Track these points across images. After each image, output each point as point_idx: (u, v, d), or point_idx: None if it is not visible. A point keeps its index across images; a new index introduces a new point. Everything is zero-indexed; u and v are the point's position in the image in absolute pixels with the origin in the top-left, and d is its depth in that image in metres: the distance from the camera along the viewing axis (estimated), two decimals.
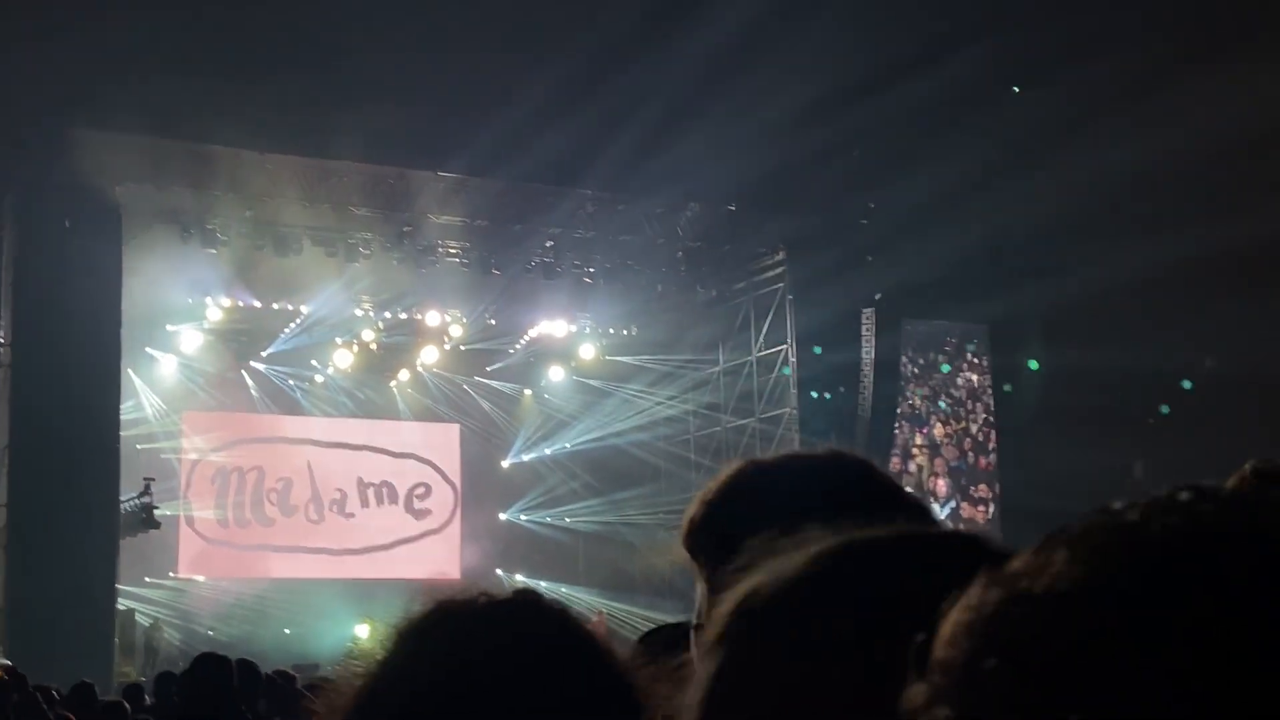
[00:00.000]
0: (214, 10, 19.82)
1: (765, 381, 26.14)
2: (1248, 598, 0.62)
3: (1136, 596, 0.64)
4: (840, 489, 1.56)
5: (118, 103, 19.29)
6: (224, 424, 26.81)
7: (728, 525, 1.56)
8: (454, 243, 24.54)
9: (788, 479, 1.61)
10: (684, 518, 1.65)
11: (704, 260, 25.93)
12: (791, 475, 1.62)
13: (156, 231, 22.11)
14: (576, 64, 20.09)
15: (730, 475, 1.65)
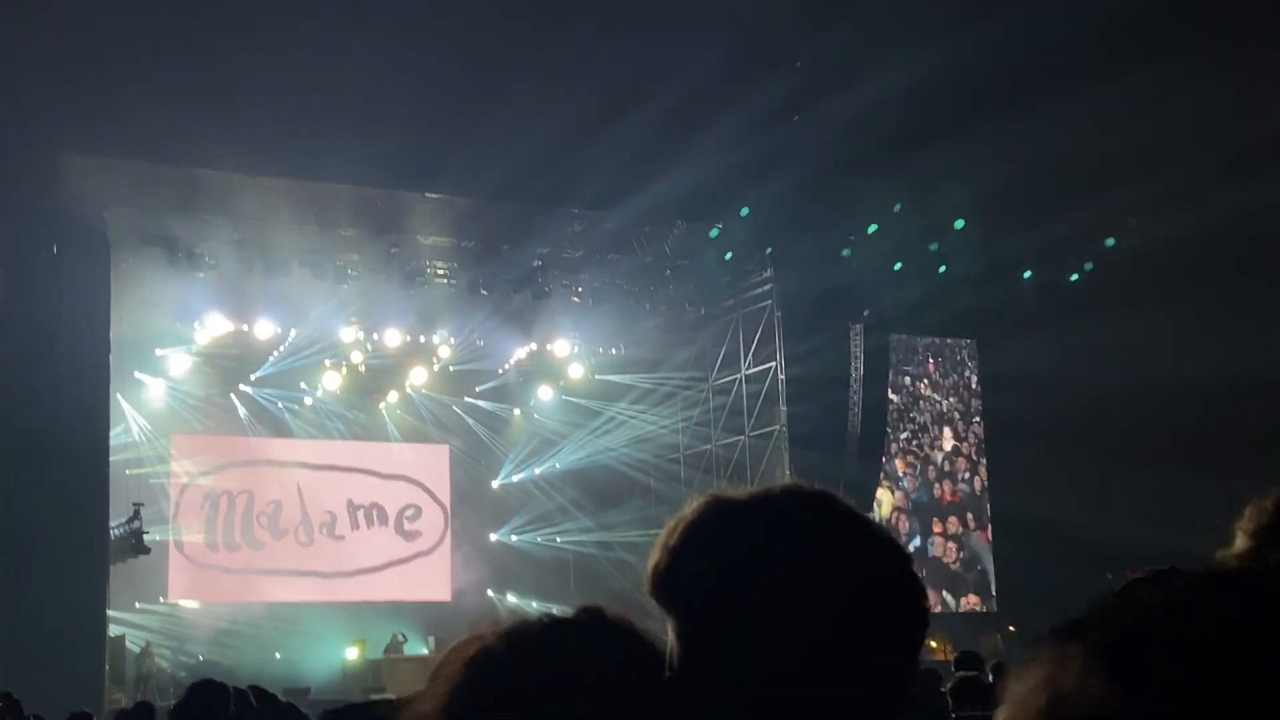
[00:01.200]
0: (202, 36, 19.84)
1: (754, 398, 26.16)
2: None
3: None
4: (798, 531, 1.55)
5: (106, 127, 19.31)
6: (213, 447, 26.74)
7: (691, 574, 1.55)
8: (442, 263, 24.56)
9: (747, 523, 1.56)
10: (648, 564, 1.60)
11: (692, 278, 25.96)
12: (750, 520, 1.56)
13: (145, 256, 22.12)
14: (563, 84, 20.15)
15: (691, 519, 1.60)
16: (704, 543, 1.56)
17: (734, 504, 1.59)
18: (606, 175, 21.84)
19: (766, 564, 1.51)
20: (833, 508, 1.59)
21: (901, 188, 23.10)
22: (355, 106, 20.67)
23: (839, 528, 1.56)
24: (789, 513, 1.57)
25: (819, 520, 1.56)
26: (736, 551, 1.53)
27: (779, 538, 1.53)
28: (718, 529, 1.57)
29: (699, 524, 1.59)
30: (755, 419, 26.11)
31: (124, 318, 22.11)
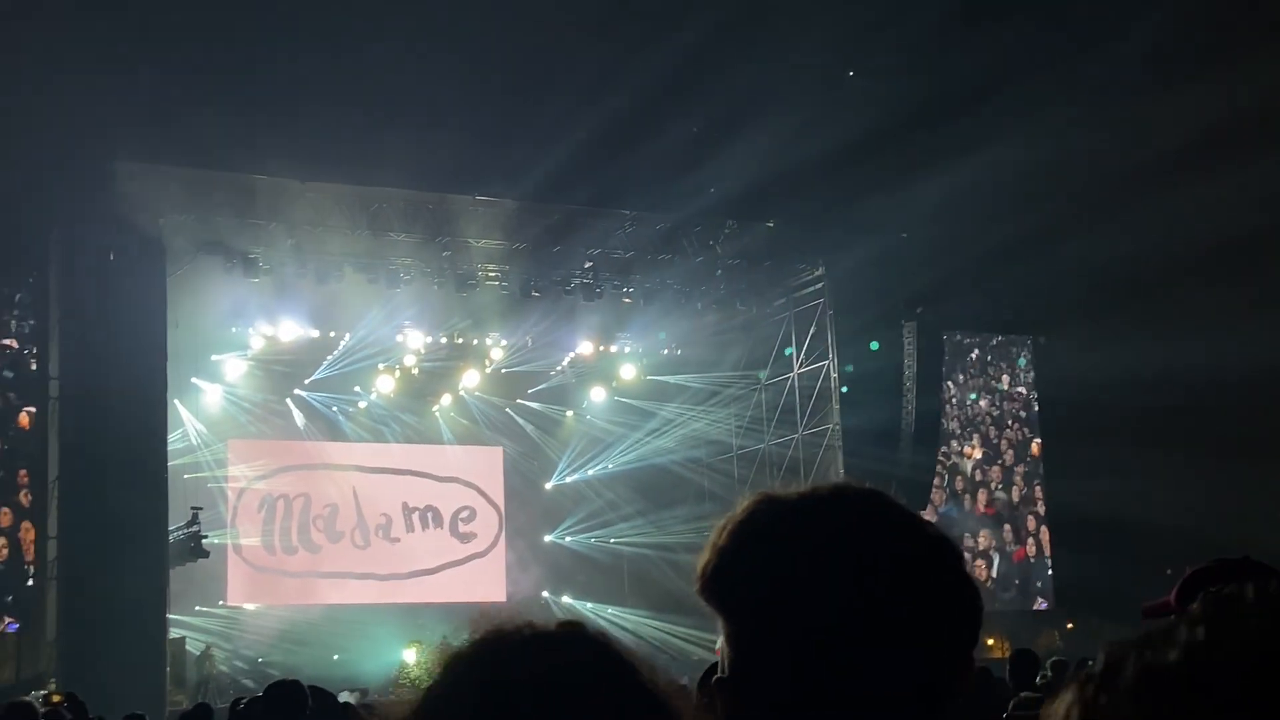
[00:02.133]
0: (254, 44, 20.01)
1: (807, 397, 26.08)
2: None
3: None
4: (848, 530, 1.55)
5: (161, 136, 19.50)
6: (269, 451, 26.94)
7: (742, 575, 1.55)
8: (493, 266, 24.63)
9: (797, 522, 1.55)
10: (698, 565, 1.60)
11: (743, 277, 25.91)
12: (800, 520, 1.55)
13: (200, 262, 22.31)
14: (612, 85, 20.16)
15: (739, 519, 1.59)
16: (753, 543, 1.56)
17: (783, 503, 1.58)
18: (657, 175, 21.85)
19: (816, 563, 1.51)
20: (882, 506, 1.58)
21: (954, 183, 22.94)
22: (406, 111, 20.79)
23: (889, 526, 1.55)
24: (838, 511, 1.56)
25: (869, 519, 1.55)
26: (786, 551, 1.52)
27: (829, 537, 1.52)
28: (767, 529, 1.56)
29: (748, 524, 1.58)
30: (808, 418, 26.03)
31: (180, 324, 22.30)
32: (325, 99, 20.56)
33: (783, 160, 22.19)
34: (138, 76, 19.47)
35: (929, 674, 1.50)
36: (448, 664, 1.52)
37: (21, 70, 18.76)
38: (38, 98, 18.75)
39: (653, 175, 21.89)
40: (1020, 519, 27.69)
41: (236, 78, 20.03)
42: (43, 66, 18.86)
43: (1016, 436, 28.15)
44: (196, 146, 19.98)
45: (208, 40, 19.71)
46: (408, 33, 20.58)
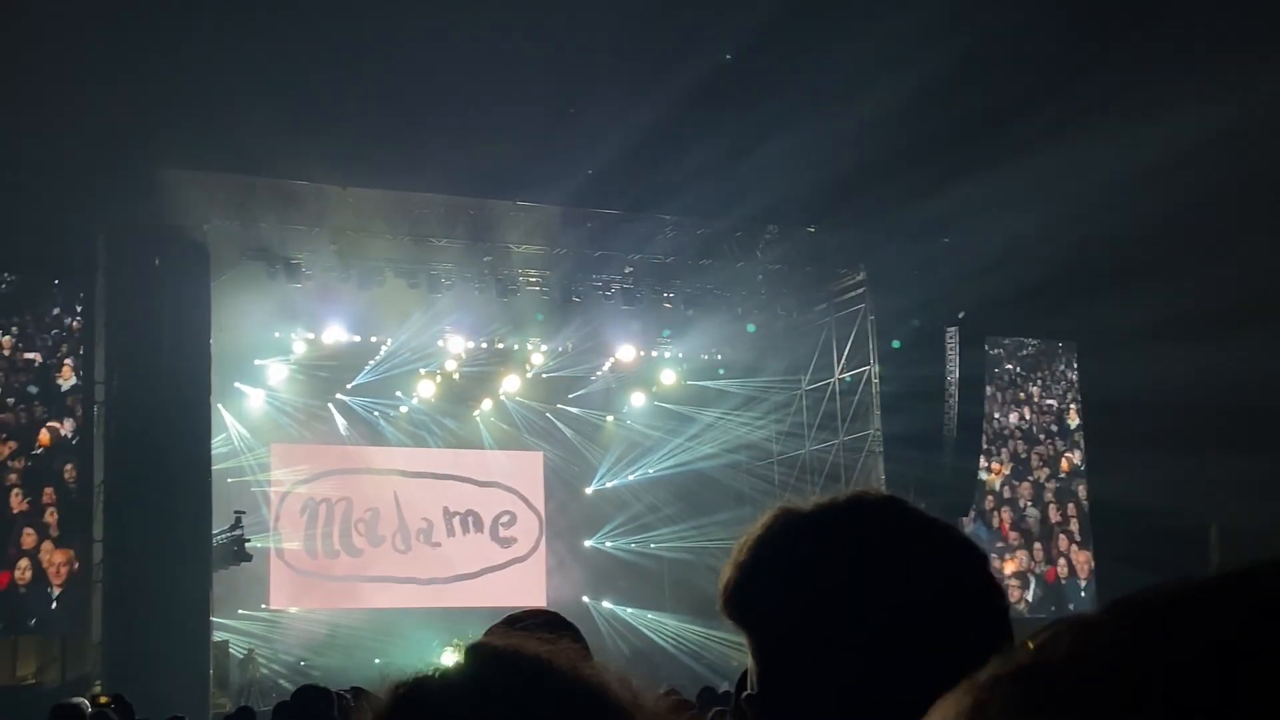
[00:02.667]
0: (297, 49, 20.14)
1: (848, 403, 26.01)
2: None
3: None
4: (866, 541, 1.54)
5: (205, 143, 19.66)
6: (311, 456, 27.08)
7: (763, 590, 1.55)
8: (534, 271, 24.69)
9: (816, 535, 1.54)
10: (719, 582, 1.60)
11: (784, 282, 25.87)
12: (819, 532, 1.55)
13: (243, 267, 22.45)
14: (654, 91, 20.19)
15: (758, 535, 1.59)
16: (773, 557, 1.55)
17: (802, 516, 1.58)
18: (698, 181, 21.85)
19: (836, 575, 1.50)
20: (901, 513, 1.57)
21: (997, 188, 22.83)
22: (448, 117, 20.88)
23: (908, 533, 1.54)
24: (856, 522, 1.55)
25: (887, 527, 1.55)
26: (806, 564, 1.52)
27: (848, 548, 1.52)
28: (786, 543, 1.56)
29: (767, 539, 1.58)
30: (849, 423, 25.96)
31: (224, 329, 22.48)
32: (367, 105, 20.68)
33: (824, 165, 22.15)
34: (183, 84, 19.64)
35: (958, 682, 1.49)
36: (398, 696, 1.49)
37: (68, 78, 18.95)
38: (83, 106, 18.93)
39: (694, 180, 21.89)
40: (1051, 537, 27.39)
41: (279, 84, 20.16)
42: (89, 74, 19.03)
43: (1048, 451, 27.86)
44: (240, 153, 20.12)
45: (251, 48, 19.84)
46: (449, 38, 20.67)
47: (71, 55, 18.91)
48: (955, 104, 21.03)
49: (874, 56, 20.59)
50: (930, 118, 21.36)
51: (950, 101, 21.05)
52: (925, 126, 21.53)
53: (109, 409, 20.65)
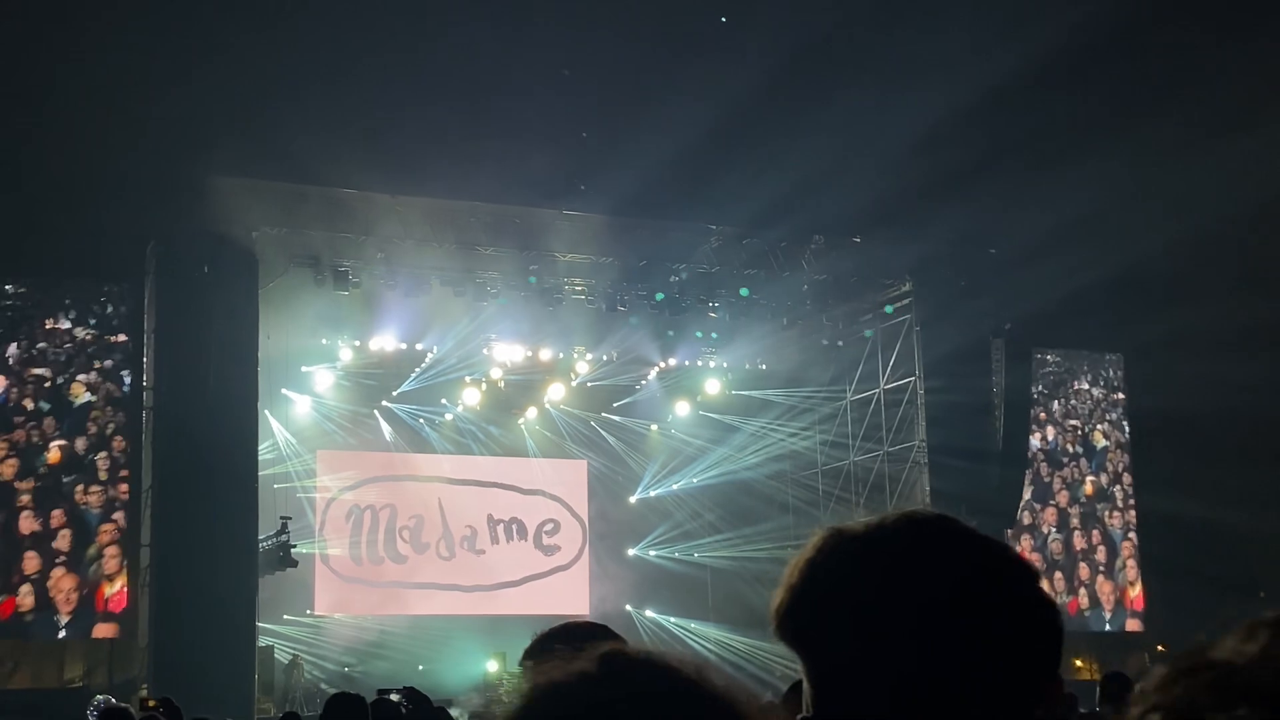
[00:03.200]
0: (345, 60, 20.27)
1: (893, 414, 25.91)
2: None
3: None
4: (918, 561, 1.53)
5: (255, 151, 19.80)
6: (357, 462, 27.19)
7: (816, 612, 1.54)
8: (580, 280, 24.72)
9: (867, 555, 1.53)
10: (771, 604, 1.59)
11: (830, 293, 25.80)
12: (869, 553, 1.54)
13: (291, 275, 22.58)
14: (699, 101, 20.19)
15: (809, 557, 1.58)
16: (825, 580, 1.54)
17: (852, 537, 1.57)
18: (744, 191, 21.84)
19: (889, 595, 1.49)
20: (952, 532, 1.56)
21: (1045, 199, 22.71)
22: (495, 126, 20.95)
23: (960, 551, 1.54)
24: (908, 542, 1.54)
25: (939, 545, 1.54)
26: (858, 585, 1.51)
27: (900, 567, 1.51)
28: (837, 564, 1.55)
29: (818, 560, 1.57)
30: (894, 434, 25.85)
31: (271, 335, 22.62)
32: (416, 114, 20.80)
33: (872, 175, 22.09)
34: (234, 93, 19.80)
35: (1013, 699, 1.48)
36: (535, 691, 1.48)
37: (120, 86, 19.14)
38: (136, 114, 19.13)
39: (740, 190, 21.88)
40: (1074, 566, 27.03)
41: (330, 93, 20.30)
42: (141, 83, 19.23)
43: (1070, 475, 27.54)
44: (290, 161, 20.27)
45: (303, 58, 19.99)
46: (497, 48, 20.76)
47: (124, 64, 19.10)
48: (1004, 116, 20.93)
49: (923, 69, 20.55)
50: (979, 129, 21.26)
51: (999, 114, 20.95)
52: (974, 138, 21.44)
53: (157, 414, 20.81)
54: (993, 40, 20.63)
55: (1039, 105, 20.73)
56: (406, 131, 20.74)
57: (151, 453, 20.73)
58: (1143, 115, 21.10)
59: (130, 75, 19.15)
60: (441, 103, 20.84)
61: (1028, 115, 20.96)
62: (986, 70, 20.73)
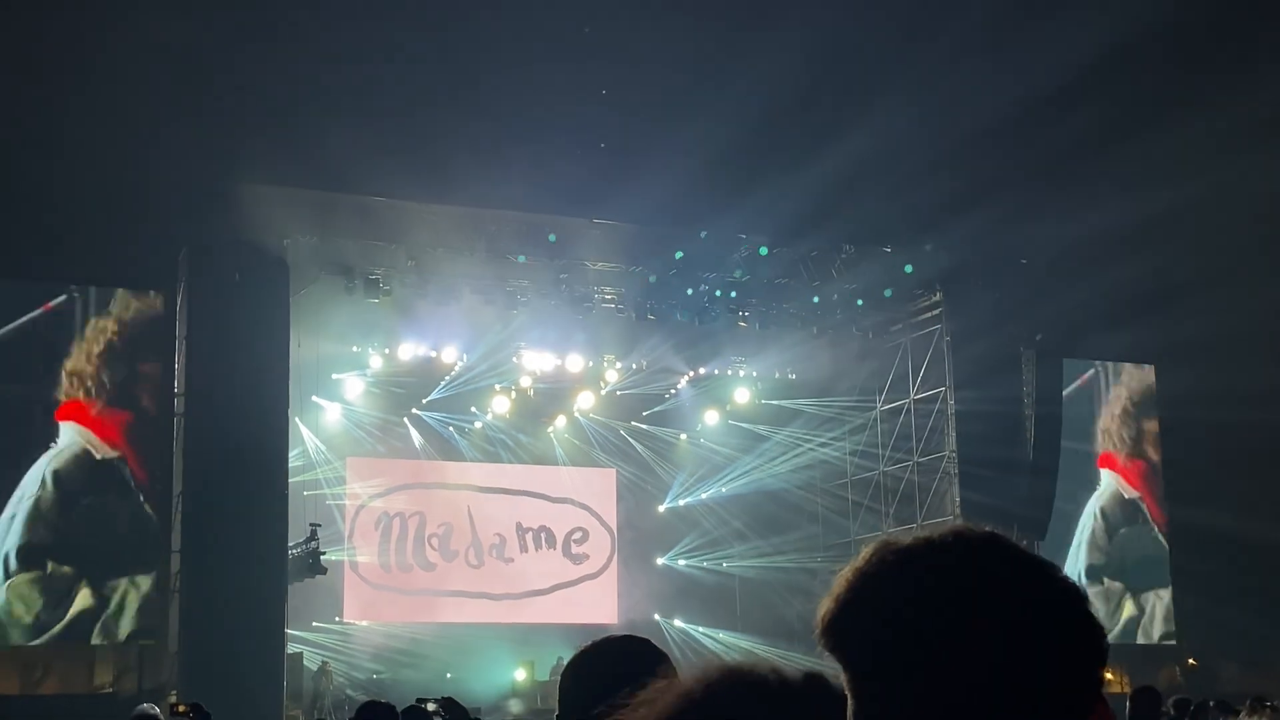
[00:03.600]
0: (375, 67, 20.35)
1: (923, 424, 25.82)
2: None
3: None
4: (968, 576, 1.52)
5: (287, 158, 19.89)
6: (386, 470, 27.27)
7: (863, 624, 1.53)
8: (609, 289, 24.73)
9: (916, 569, 1.52)
10: (818, 613, 1.58)
11: (860, 302, 25.72)
12: (919, 566, 1.52)
13: (322, 282, 22.65)
14: (732, 111, 20.19)
15: (858, 568, 1.57)
16: (872, 591, 1.54)
17: (902, 550, 1.56)
18: (774, 201, 21.81)
19: (938, 610, 1.49)
20: (1003, 549, 1.55)
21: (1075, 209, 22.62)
22: (525, 134, 20.99)
23: (1011, 569, 1.53)
24: (957, 557, 1.53)
25: (990, 562, 1.53)
26: (906, 599, 1.50)
27: (948, 583, 1.50)
28: (886, 576, 1.54)
29: (867, 572, 1.56)
30: (924, 444, 25.77)
31: (302, 343, 22.69)
32: (446, 122, 20.84)
33: (902, 186, 22.05)
34: (265, 101, 19.90)
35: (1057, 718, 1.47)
36: (681, 701, 1.49)
37: (153, 94, 19.26)
38: (169, 121, 19.24)
39: (770, 200, 21.86)
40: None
41: (360, 101, 20.37)
42: (173, 91, 19.34)
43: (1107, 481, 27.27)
44: (321, 169, 20.35)
45: (334, 66, 20.08)
46: (528, 56, 20.80)
47: (158, 71, 19.21)
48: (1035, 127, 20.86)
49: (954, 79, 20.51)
50: (1010, 139, 21.20)
51: (1030, 124, 20.89)
52: (1005, 148, 21.37)
53: (188, 420, 20.89)
54: (1024, 51, 20.56)
55: (1070, 115, 20.64)
56: (438, 140, 20.78)
57: (182, 459, 20.82)
58: (1174, 124, 21.00)
59: (163, 83, 19.27)
60: (473, 111, 20.89)
61: (1059, 125, 20.87)
62: (1017, 81, 20.67)
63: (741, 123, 20.40)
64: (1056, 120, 20.72)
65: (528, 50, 20.67)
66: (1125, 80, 20.67)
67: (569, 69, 20.69)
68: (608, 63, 20.80)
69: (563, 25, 20.63)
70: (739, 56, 20.37)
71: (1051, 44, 20.51)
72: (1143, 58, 20.60)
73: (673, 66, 21.13)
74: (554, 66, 20.71)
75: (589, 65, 20.76)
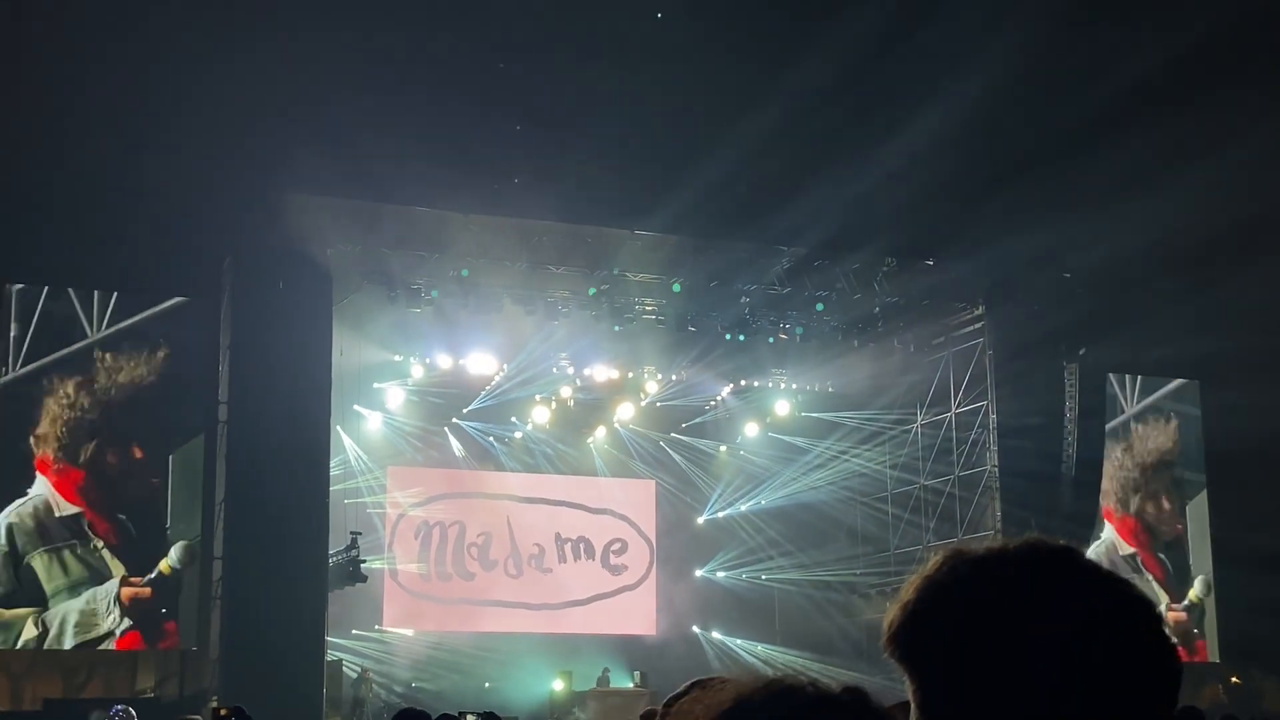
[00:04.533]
0: (419, 79, 20.44)
1: (964, 438, 25.69)
2: None
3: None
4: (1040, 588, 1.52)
5: (332, 169, 20.00)
6: (426, 479, 27.36)
7: (932, 632, 1.53)
8: (650, 300, 24.74)
9: (988, 579, 1.52)
10: (884, 621, 1.58)
11: (901, 315, 25.64)
12: (990, 576, 1.53)
13: (364, 292, 22.76)
14: (773, 122, 20.17)
15: (928, 576, 1.57)
16: (944, 600, 1.53)
17: (974, 560, 1.56)
18: (815, 212, 21.77)
19: (1009, 621, 1.48)
20: (1075, 563, 1.55)
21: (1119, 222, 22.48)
22: (567, 145, 21.03)
23: (1082, 583, 1.52)
24: (1030, 569, 1.53)
25: (1063, 575, 1.52)
26: (978, 608, 1.50)
27: (1021, 594, 1.50)
28: (956, 586, 1.54)
29: (938, 579, 1.56)
30: (965, 459, 25.64)
31: (344, 352, 22.79)
32: (488, 132, 20.92)
33: (944, 198, 21.98)
34: (310, 112, 20.02)
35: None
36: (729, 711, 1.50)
37: (201, 103, 19.42)
38: (217, 131, 19.39)
39: (811, 212, 21.82)
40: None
41: (404, 113, 20.46)
42: (221, 100, 19.49)
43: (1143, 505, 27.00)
44: (365, 180, 20.46)
45: (378, 77, 20.19)
46: (571, 67, 20.85)
47: (205, 80, 19.38)
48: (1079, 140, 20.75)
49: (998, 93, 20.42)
50: (1054, 153, 21.10)
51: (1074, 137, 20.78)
52: (1049, 161, 21.27)
53: (231, 428, 21.01)
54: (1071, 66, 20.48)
55: (1115, 129, 20.52)
56: (481, 151, 20.86)
57: (224, 466, 20.94)
58: (1221, 139, 20.85)
59: (211, 92, 19.43)
60: (515, 123, 20.96)
61: (1103, 139, 20.75)
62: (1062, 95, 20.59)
63: (783, 135, 20.39)
64: (1102, 134, 20.59)
65: (571, 62, 20.72)
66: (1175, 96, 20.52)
67: (612, 80, 20.72)
68: (650, 75, 20.82)
69: (606, 37, 20.67)
70: (779, 68, 20.35)
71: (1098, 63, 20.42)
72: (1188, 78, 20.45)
73: (714, 79, 21.13)
74: (596, 79, 20.74)
75: (632, 77, 20.78)
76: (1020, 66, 20.19)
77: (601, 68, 20.70)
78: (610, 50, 20.67)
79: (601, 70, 20.70)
